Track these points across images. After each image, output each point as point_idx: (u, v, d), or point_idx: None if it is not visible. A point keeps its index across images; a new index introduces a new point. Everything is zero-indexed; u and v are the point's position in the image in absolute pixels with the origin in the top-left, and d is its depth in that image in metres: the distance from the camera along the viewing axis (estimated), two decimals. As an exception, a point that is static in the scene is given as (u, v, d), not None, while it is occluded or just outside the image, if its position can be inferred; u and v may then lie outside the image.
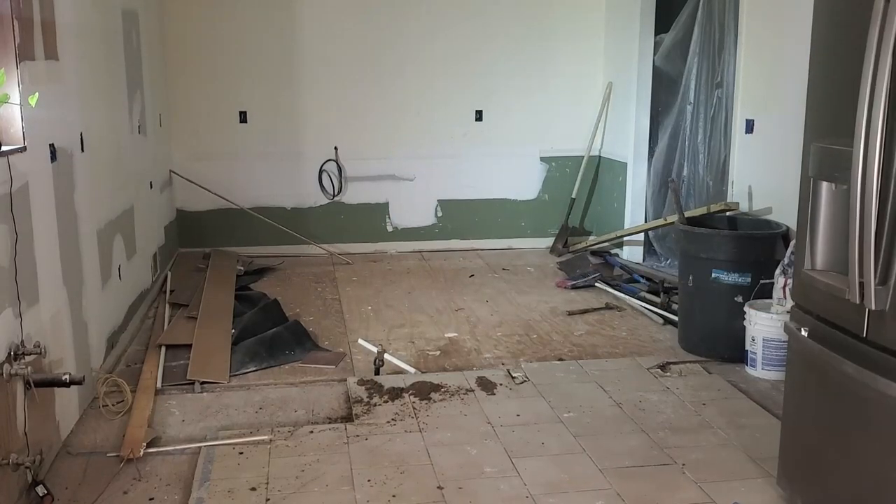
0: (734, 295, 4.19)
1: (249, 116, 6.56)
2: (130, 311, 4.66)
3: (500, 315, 5.12)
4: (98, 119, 4.22)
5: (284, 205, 6.71)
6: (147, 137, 5.48)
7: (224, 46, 6.44)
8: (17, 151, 2.95)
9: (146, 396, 3.74)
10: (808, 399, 2.68)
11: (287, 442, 3.33)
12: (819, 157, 2.57)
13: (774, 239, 4.20)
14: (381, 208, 6.85)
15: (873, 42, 2.17)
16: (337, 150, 6.68)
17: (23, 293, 2.91)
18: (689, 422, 3.52)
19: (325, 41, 6.53)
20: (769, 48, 4.63)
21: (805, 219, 2.66)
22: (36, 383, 2.88)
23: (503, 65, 6.72)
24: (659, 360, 4.20)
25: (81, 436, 3.43)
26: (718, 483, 2.99)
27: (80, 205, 3.77)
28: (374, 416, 3.57)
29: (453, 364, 4.29)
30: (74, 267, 3.63)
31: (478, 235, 6.96)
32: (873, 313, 2.30)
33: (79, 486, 3.02)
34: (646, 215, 6.40)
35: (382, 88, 6.65)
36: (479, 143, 6.82)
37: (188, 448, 3.31)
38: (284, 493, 2.94)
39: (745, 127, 4.84)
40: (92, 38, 4.23)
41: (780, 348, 3.84)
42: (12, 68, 2.96)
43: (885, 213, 2.22)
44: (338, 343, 4.60)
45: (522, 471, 3.09)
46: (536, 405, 3.69)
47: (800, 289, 2.73)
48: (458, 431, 3.43)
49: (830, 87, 2.56)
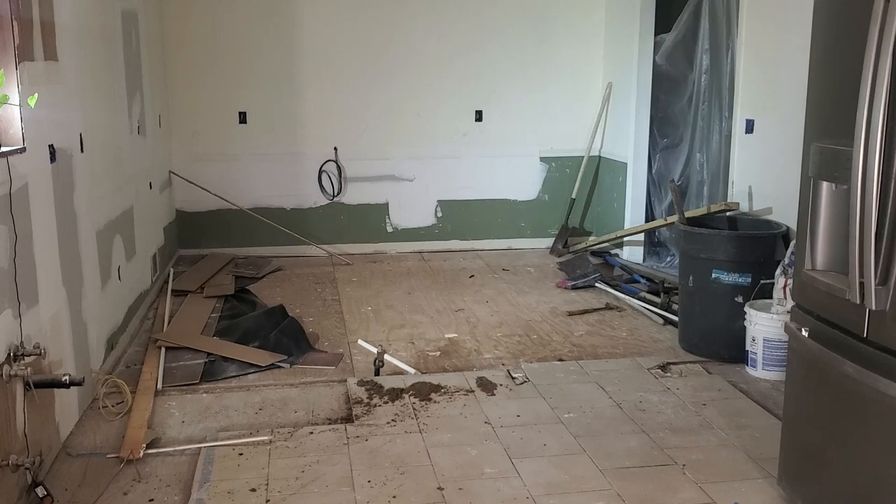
0: (734, 295, 4.19)
1: (249, 117, 6.56)
2: (130, 311, 4.66)
3: (501, 315, 5.11)
4: (97, 120, 4.22)
5: (284, 205, 6.71)
6: (146, 138, 5.48)
7: (224, 46, 6.44)
8: (16, 152, 2.95)
9: (146, 397, 3.74)
10: (809, 399, 2.68)
11: (287, 443, 3.32)
12: (819, 157, 2.57)
13: (774, 239, 4.20)
14: (381, 209, 6.85)
15: (873, 42, 2.17)
16: (337, 151, 6.68)
17: (22, 294, 2.91)
18: (690, 422, 3.51)
19: (324, 41, 6.53)
20: (769, 48, 4.63)
21: (805, 219, 2.66)
22: (35, 384, 2.88)
23: (503, 65, 6.72)
24: (659, 361, 4.20)
25: (81, 437, 3.43)
26: (719, 483, 2.99)
27: (80, 205, 3.77)
28: (374, 416, 3.57)
29: (453, 365, 4.28)
30: (74, 268, 3.63)
31: (478, 236, 6.96)
32: (873, 313, 2.30)
33: (78, 487, 3.02)
34: (646, 215, 6.40)
35: (382, 89, 6.65)
36: (479, 143, 6.82)
37: (188, 449, 3.31)
38: (284, 493, 2.94)
39: (745, 127, 4.84)
40: (91, 39, 4.22)
41: (780, 348, 3.84)
42: (11, 69, 2.95)
43: (886, 213, 2.22)
44: (338, 344, 4.60)
45: (522, 471, 3.09)
46: (537, 406, 3.68)
47: (800, 289, 2.72)
48: (458, 432, 3.43)
49: (830, 87, 2.55)
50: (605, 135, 6.81)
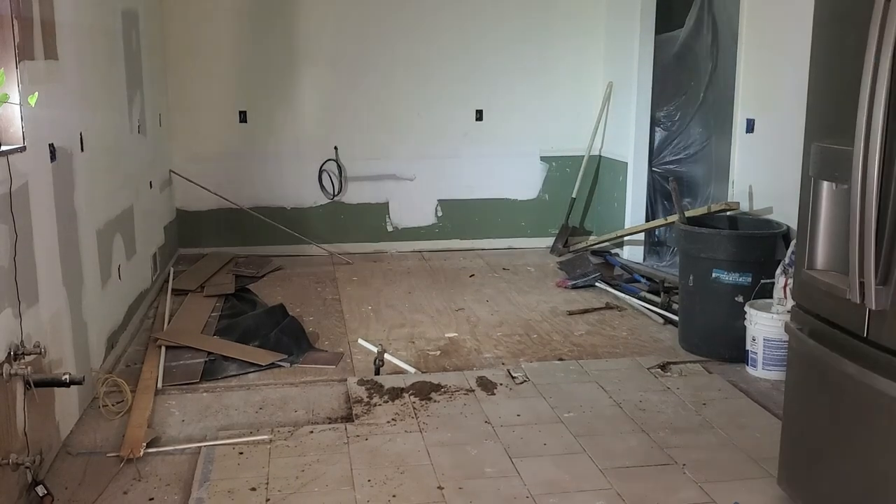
0: (735, 295, 4.19)
1: (249, 116, 6.56)
2: (130, 311, 4.66)
3: (501, 315, 5.11)
4: (98, 119, 4.22)
5: (284, 205, 6.71)
6: (147, 137, 5.48)
7: (224, 46, 6.44)
8: (16, 151, 2.95)
9: (146, 396, 3.74)
10: (809, 399, 2.68)
11: (287, 442, 3.32)
12: (819, 156, 2.57)
13: (775, 239, 4.19)
14: (382, 208, 6.85)
15: (873, 42, 2.17)
16: (337, 150, 6.68)
17: (22, 293, 2.91)
18: (690, 422, 3.51)
19: (324, 41, 6.53)
20: (769, 48, 4.63)
21: (805, 219, 2.66)
22: (36, 383, 2.88)
23: (504, 64, 6.72)
24: (659, 360, 4.20)
25: (81, 436, 3.43)
26: (719, 483, 2.99)
27: (80, 204, 3.77)
28: (375, 416, 3.57)
29: (453, 364, 4.28)
30: (74, 267, 3.63)
31: (478, 235, 6.96)
32: (874, 313, 2.30)
33: (78, 486, 3.02)
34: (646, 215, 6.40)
35: (383, 88, 6.65)
36: (480, 142, 6.82)
37: (188, 448, 3.31)
38: (284, 493, 2.94)
39: (746, 127, 4.84)
40: (92, 38, 4.22)
41: (780, 348, 3.84)
42: (12, 68, 2.95)
43: (886, 213, 2.22)
44: (338, 343, 4.60)
45: (522, 471, 3.09)
46: (537, 405, 3.68)
47: (800, 289, 2.72)
48: (458, 431, 3.43)
49: (831, 86, 2.55)
50: (605, 134, 6.80)
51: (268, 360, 4.18)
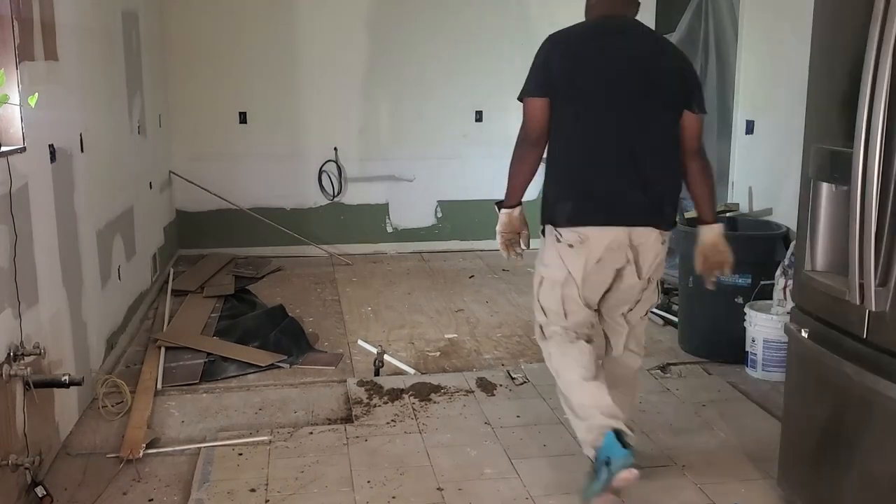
0: (734, 296, 4.18)
1: (249, 117, 6.56)
2: (130, 311, 4.65)
3: (500, 316, 5.11)
4: (98, 119, 4.22)
5: (284, 205, 6.71)
6: (147, 138, 5.48)
7: (224, 47, 6.44)
8: (16, 152, 2.94)
9: (146, 397, 3.73)
10: (809, 400, 2.68)
11: (287, 443, 3.32)
12: (819, 158, 2.56)
13: (774, 240, 4.19)
14: (381, 209, 6.85)
15: (873, 42, 2.17)
16: (337, 151, 6.68)
17: (22, 294, 2.91)
18: (689, 423, 3.51)
19: (325, 41, 6.53)
20: (769, 48, 4.63)
21: (805, 220, 2.66)
22: (35, 384, 2.88)
23: (503, 65, 6.70)
24: (659, 362, 4.20)
25: (81, 437, 3.42)
26: (718, 484, 2.99)
27: (80, 205, 3.77)
28: (374, 417, 3.57)
29: (453, 365, 4.28)
30: (74, 267, 3.63)
31: (478, 236, 6.95)
32: (873, 315, 2.30)
33: (78, 486, 3.02)
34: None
35: (383, 89, 6.65)
36: (479, 143, 6.82)
37: (188, 449, 3.31)
38: (284, 494, 2.93)
39: (746, 127, 4.84)
40: (92, 39, 4.22)
41: (780, 349, 3.83)
42: (12, 69, 2.95)
43: (886, 214, 2.21)
44: (337, 344, 4.60)
45: (522, 472, 3.09)
46: (536, 406, 3.68)
47: (800, 290, 2.72)
48: (457, 432, 3.42)
49: (830, 87, 2.55)
50: (605, 135, 6.79)
51: (267, 360, 4.18)
